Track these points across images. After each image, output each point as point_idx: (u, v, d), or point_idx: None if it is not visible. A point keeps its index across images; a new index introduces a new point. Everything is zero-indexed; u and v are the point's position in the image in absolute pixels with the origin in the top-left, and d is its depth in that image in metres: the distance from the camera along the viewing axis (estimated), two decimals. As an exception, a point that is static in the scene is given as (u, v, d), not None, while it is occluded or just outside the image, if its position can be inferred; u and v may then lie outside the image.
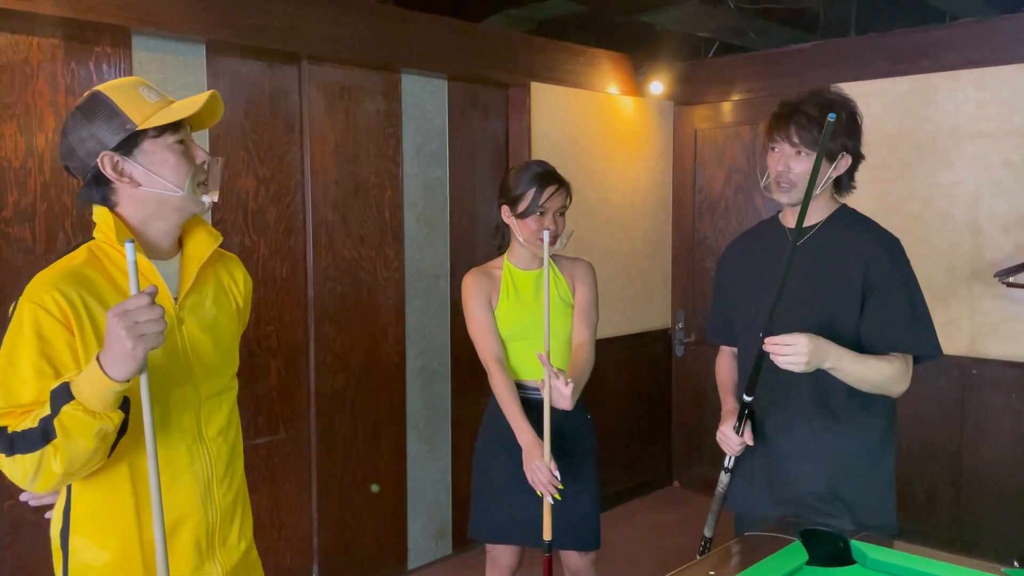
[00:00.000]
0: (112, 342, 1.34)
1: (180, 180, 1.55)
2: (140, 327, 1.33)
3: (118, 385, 1.37)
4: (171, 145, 1.55)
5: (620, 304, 4.65)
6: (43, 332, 1.45)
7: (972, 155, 3.82)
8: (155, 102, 1.54)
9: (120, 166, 1.53)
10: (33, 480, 1.44)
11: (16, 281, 2.69)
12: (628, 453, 4.81)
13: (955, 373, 3.88)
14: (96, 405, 1.38)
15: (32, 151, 2.71)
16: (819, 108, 2.04)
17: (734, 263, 2.32)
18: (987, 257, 3.78)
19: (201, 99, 1.56)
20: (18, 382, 1.45)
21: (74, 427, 1.38)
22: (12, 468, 1.44)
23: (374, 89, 3.60)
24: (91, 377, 1.37)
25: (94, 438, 1.40)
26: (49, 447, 1.39)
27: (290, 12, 3.21)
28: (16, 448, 1.41)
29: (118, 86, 1.56)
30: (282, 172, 3.34)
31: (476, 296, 2.59)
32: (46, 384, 1.43)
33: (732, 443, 2.11)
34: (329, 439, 3.51)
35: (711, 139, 4.83)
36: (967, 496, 3.90)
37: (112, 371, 1.36)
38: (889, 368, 1.98)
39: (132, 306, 1.34)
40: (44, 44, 2.72)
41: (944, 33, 3.93)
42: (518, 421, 2.48)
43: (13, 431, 1.42)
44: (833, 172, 2.08)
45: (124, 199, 1.56)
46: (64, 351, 1.46)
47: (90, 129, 1.52)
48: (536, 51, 4.16)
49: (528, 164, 2.62)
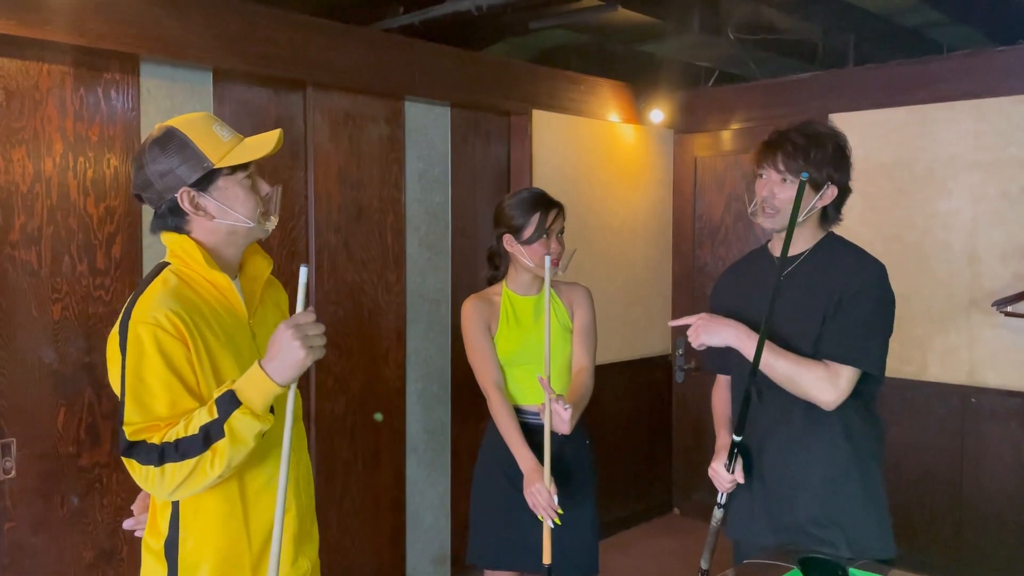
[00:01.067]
0: (283, 351, 1.51)
1: (250, 213, 1.68)
2: (311, 339, 1.52)
3: (280, 389, 1.53)
4: (241, 181, 1.68)
5: (620, 330, 4.67)
6: (165, 349, 1.56)
7: (969, 185, 3.85)
8: (228, 140, 1.66)
9: (197, 200, 1.65)
10: (180, 487, 1.54)
11: (21, 304, 2.71)
12: (628, 479, 4.80)
13: (955, 401, 3.88)
14: (260, 408, 1.53)
15: (40, 175, 2.74)
16: (806, 138, 2.08)
17: (726, 292, 2.35)
18: (985, 286, 3.80)
19: (272, 140, 1.67)
20: (151, 399, 1.56)
21: (242, 429, 1.52)
22: (159, 479, 1.53)
23: (378, 116, 3.65)
24: (257, 382, 1.53)
25: (254, 439, 1.55)
26: (208, 452, 1.52)
27: (296, 40, 3.26)
28: (167, 457, 1.52)
29: (191, 122, 1.66)
30: (286, 197, 3.37)
31: (475, 323, 2.61)
32: (176, 397, 1.56)
33: (723, 480, 2.12)
34: (329, 463, 3.51)
35: (711, 167, 4.87)
36: (967, 525, 3.89)
37: (278, 377, 1.52)
38: (801, 368, 2.00)
39: (303, 320, 1.52)
40: (54, 70, 2.76)
41: (941, 65, 3.99)
42: (518, 446, 2.49)
43: (164, 441, 1.53)
44: (818, 202, 2.10)
45: (196, 228, 1.68)
46: (185, 365, 1.58)
47: (169, 164, 1.63)
48: (538, 79, 4.21)
49: (520, 192, 2.67)
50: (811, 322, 2.05)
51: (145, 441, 1.53)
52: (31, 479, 2.73)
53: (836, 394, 2.01)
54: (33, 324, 2.73)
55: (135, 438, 1.54)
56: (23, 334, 2.72)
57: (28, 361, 2.73)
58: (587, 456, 2.68)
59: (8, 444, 2.69)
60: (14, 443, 2.70)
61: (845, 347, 2.01)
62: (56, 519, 2.78)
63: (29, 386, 2.73)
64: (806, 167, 2.06)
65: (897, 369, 3.96)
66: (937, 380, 3.90)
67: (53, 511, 2.78)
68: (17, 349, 2.71)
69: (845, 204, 2.18)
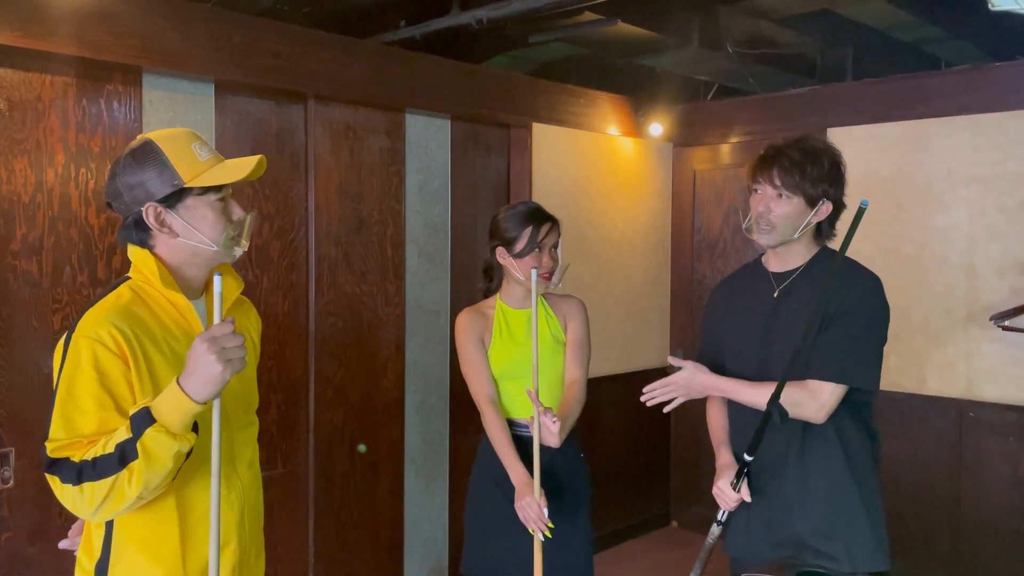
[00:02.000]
0: (200, 366, 1.43)
1: (216, 236, 1.63)
2: (228, 352, 1.44)
3: (198, 407, 1.45)
4: (212, 203, 1.63)
5: (619, 342, 4.67)
6: (101, 366, 1.51)
7: (967, 199, 3.87)
8: (205, 159, 1.62)
9: (163, 217, 1.61)
10: (100, 507, 1.48)
11: (22, 314, 2.72)
12: (625, 492, 4.79)
13: (952, 415, 3.89)
14: (176, 427, 1.46)
15: (41, 186, 2.75)
16: (803, 153, 2.09)
17: (720, 306, 2.35)
18: (983, 300, 3.81)
19: (250, 165, 1.64)
20: (79, 415, 1.50)
21: (156, 448, 1.44)
22: (78, 498, 1.48)
23: (378, 128, 3.66)
24: (173, 400, 1.45)
25: (171, 459, 1.47)
26: (124, 471, 1.45)
27: (298, 53, 3.28)
28: (85, 476, 1.46)
29: (171, 137, 1.62)
30: (287, 208, 3.39)
31: (469, 336, 2.62)
32: (106, 415, 1.50)
33: (729, 499, 2.11)
34: (327, 474, 3.51)
35: (709, 180, 4.89)
36: (964, 538, 3.88)
37: (195, 394, 1.44)
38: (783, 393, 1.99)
39: (219, 332, 1.44)
40: (56, 82, 2.78)
41: (939, 80, 4.01)
42: (510, 460, 2.50)
43: (83, 459, 1.47)
44: (813, 218, 2.11)
45: (160, 244, 1.64)
46: (122, 383, 1.53)
47: (140, 177, 1.59)
48: (538, 92, 4.24)
49: (516, 205, 2.67)
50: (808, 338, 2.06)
51: (68, 459, 1.47)
52: (29, 489, 2.73)
53: (819, 410, 2.02)
54: (33, 334, 2.74)
55: (56, 455, 1.48)
56: (23, 344, 2.72)
57: (28, 371, 2.73)
58: (582, 470, 2.68)
59: (7, 454, 2.69)
60: (12, 453, 2.70)
61: (830, 364, 2.02)
62: (54, 529, 2.78)
63: (28, 396, 2.73)
64: (802, 183, 2.07)
65: (895, 382, 3.97)
66: (935, 394, 3.91)
67: (51, 521, 2.77)
68: (17, 359, 2.71)
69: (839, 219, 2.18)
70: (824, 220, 2.14)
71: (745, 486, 2.10)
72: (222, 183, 1.62)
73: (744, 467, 2.08)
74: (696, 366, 2.12)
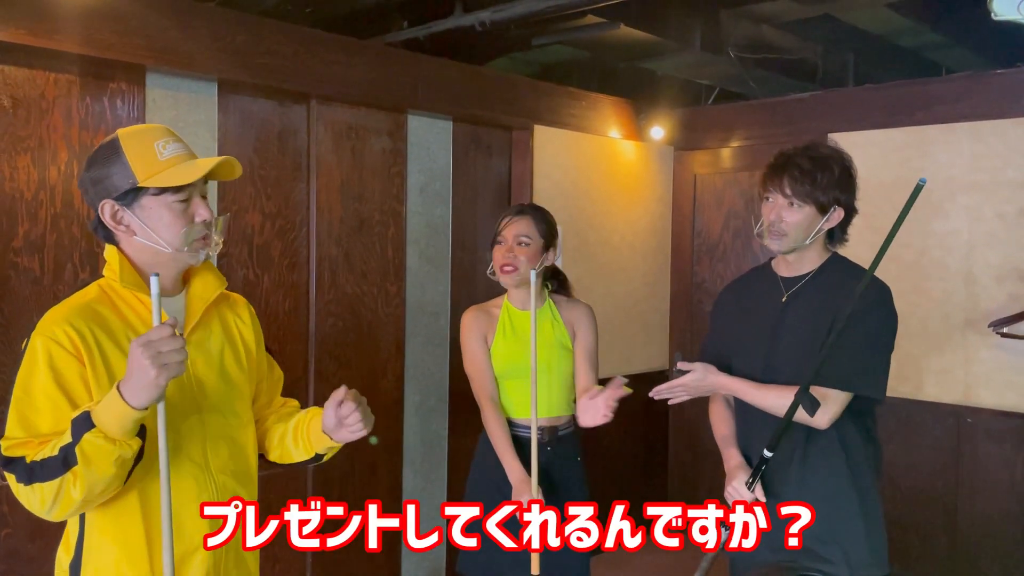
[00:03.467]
0: (135, 371, 1.39)
1: (172, 238, 1.58)
2: (163, 356, 1.38)
3: (137, 413, 1.41)
4: (170, 204, 1.57)
5: (618, 345, 4.68)
6: (56, 365, 1.50)
7: (966, 206, 3.88)
8: (166, 159, 1.57)
9: (119, 215, 1.58)
10: (52, 508, 1.47)
11: (23, 311, 2.72)
12: (623, 495, 4.79)
13: (950, 422, 3.90)
14: (116, 432, 1.42)
15: (44, 183, 2.76)
16: (812, 161, 2.10)
17: (727, 309, 2.36)
18: (981, 306, 3.82)
19: (206, 166, 1.58)
20: (34, 413, 1.50)
21: (94, 454, 1.42)
22: (31, 497, 1.47)
23: (380, 129, 3.67)
24: (111, 405, 1.42)
25: (113, 465, 1.44)
26: (69, 474, 1.43)
27: (301, 53, 3.28)
28: (35, 477, 1.45)
29: (136, 135, 1.59)
30: (288, 208, 3.39)
31: (473, 334, 2.64)
32: (61, 415, 1.49)
33: (744, 500, 2.09)
34: (326, 473, 3.52)
35: (710, 184, 4.90)
36: (960, 544, 3.89)
37: (133, 399, 1.40)
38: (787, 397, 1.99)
39: (155, 336, 1.39)
40: (60, 79, 2.79)
41: (940, 86, 4.02)
42: (508, 458, 2.52)
43: (32, 460, 1.46)
44: (825, 224, 2.12)
45: (124, 242, 1.62)
46: (77, 382, 1.51)
47: (102, 172, 1.57)
48: (539, 95, 4.24)
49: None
50: (815, 344, 2.06)
51: (23, 458, 1.46)
52: (29, 486, 2.73)
53: (825, 417, 2.03)
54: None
55: (11, 454, 1.48)
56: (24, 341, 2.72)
57: (28, 368, 2.73)
58: (578, 472, 2.69)
59: (7, 450, 2.70)
60: (13, 449, 2.71)
61: (838, 372, 2.02)
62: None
63: (29, 393, 2.73)
64: (813, 191, 2.07)
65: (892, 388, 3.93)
66: (932, 400, 3.92)
67: (50, 518, 2.78)
68: (17, 355, 2.71)
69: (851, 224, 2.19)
70: (836, 226, 2.14)
71: (760, 486, 2.08)
72: (174, 184, 1.56)
73: (762, 463, 2.07)
74: (706, 367, 2.14)
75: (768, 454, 2.05)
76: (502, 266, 2.58)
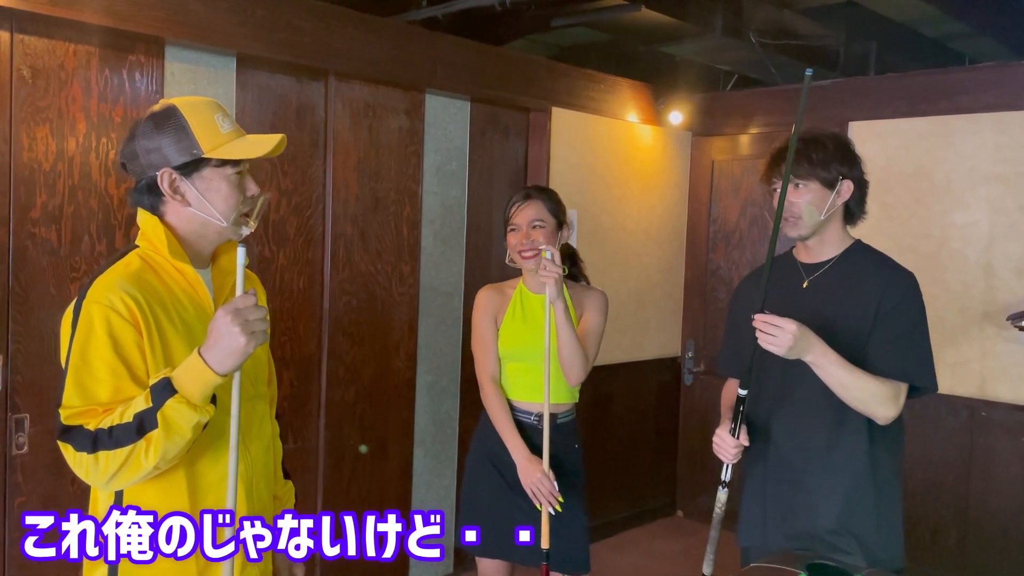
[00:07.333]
0: (223, 338, 1.43)
1: (227, 210, 1.62)
2: (251, 324, 1.44)
3: (220, 379, 1.45)
4: (228, 176, 1.61)
5: (630, 330, 4.67)
6: (115, 333, 1.50)
7: (987, 197, 3.84)
8: (227, 132, 1.60)
9: (177, 184, 1.59)
10: (114, 477, 1.47)
11: (40, 282, 2.73)
12: (632, 480, 4.80)
13: (964, 414, 3.87)
14: (197, 398, 1.45)
15: (63, 154, 2.76)
16: (803, 142, 2.11)
17: (747, 298, 2.33)
18: (999, 299, 3.79)
19: (271, 142, 1.61)
20: (94, 382, 1.49)
21: (177, 419, 1.44)
22: (92, 467, 1.46)
23: (398, 107, 3.66)
24: (194, 371, 1.45)
25: (191, 430, 1.46)
26: (142, 441, 1.44)
27: (320, 29, 3.27)
28: (101, 445, 1.45)
29: (194, 105, 1.60)
30: (304, 185, 3.39)
31: (484, 313, 2.65)
32: (121, 383, 1.50)
33: (728, 447, 2.06)
34: (337, 451, 3.53)
35: (728, 171, 4.86)
36: (972, 538, 3.88)
37: (218, 366, 1.44)
38: (875, 385, 1.97)
39: (242, 304, 1.44)
40: (80, 51, 2.78)
41: (964, 76, 3.97)
42: (512, 438, 2.53)
43: (99, 428, 1.46)
44: (836, 199, 2.10)
45: (171, 212, 1.62)
46: (134, 351, 1.51)
47: (159, 141, 1.57)
48: (558, 77, 4.22)
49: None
50: (842, 334, 2.02)
51: (82, 426, 1.46)
52: (43, 455, 2.75)
53: (896, 411, 2.02)
54: (51, 302, 2.75)
55: (70, 422, 1.47)
56: (40, 311, 2.74)
57: (44, 338, 2.75)
58: (577, 460, 2.69)
59: (22, 420, 2.71)
60: (27, 419, 2.73)
61: (901, 364, 2.01)
62: (66, 496, 2.80)
63: (45, 363, 2.75)
64: (812, 168, 2.07)
65: (907, 380, 3.95)
66: (947, 392, 3.89)
67: (63, 488, 2.80)
68: (34, 326, 2.73)
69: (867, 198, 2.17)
70: (851, 200, 2.12)
71: (744, 431, 2.05)
72: (242, 157, 1.60)
73: (739, 406, 2.02)
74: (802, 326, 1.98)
75: (743, 392, 2.01)
76: (521, 251, 2.56)
